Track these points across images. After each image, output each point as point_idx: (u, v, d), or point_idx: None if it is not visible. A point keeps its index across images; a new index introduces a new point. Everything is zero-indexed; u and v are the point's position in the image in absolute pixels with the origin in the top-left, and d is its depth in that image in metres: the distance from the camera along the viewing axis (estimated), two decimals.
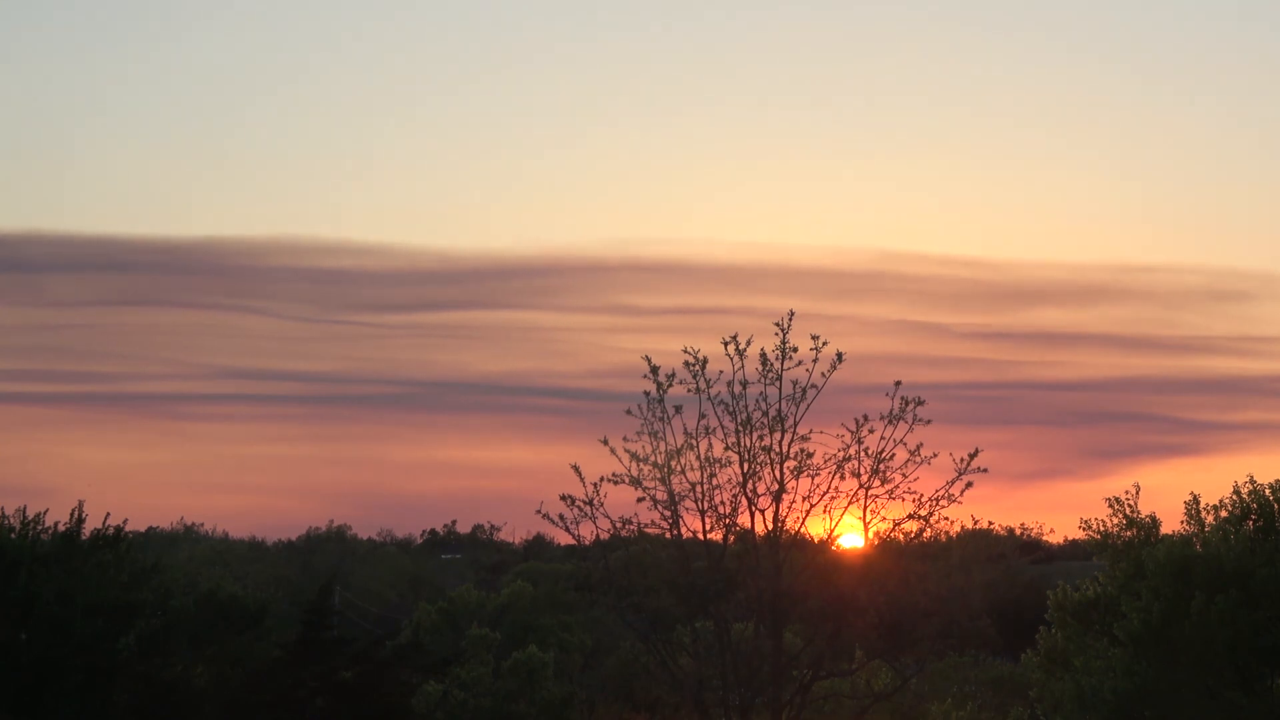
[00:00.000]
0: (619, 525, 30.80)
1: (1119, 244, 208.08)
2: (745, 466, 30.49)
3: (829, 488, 30.53)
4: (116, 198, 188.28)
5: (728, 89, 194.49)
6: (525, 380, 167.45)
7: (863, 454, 30.47)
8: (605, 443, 30.55)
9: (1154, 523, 36.52)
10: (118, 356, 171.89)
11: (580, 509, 30.58)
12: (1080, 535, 38.99)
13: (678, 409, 30.52)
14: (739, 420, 30.43)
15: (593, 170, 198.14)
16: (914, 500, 30.58)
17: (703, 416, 30.48)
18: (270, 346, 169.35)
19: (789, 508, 30.67)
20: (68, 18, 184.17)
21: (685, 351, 30.51)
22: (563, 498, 30.54)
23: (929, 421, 30.44)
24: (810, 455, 30.50)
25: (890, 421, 30.43)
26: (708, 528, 30.79)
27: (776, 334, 30.52)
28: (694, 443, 30.51)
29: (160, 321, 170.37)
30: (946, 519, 30.80)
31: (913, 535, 30.88)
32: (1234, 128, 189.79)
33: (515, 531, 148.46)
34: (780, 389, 30.43)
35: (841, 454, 30.47)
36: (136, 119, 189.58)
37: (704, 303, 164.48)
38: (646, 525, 30.86)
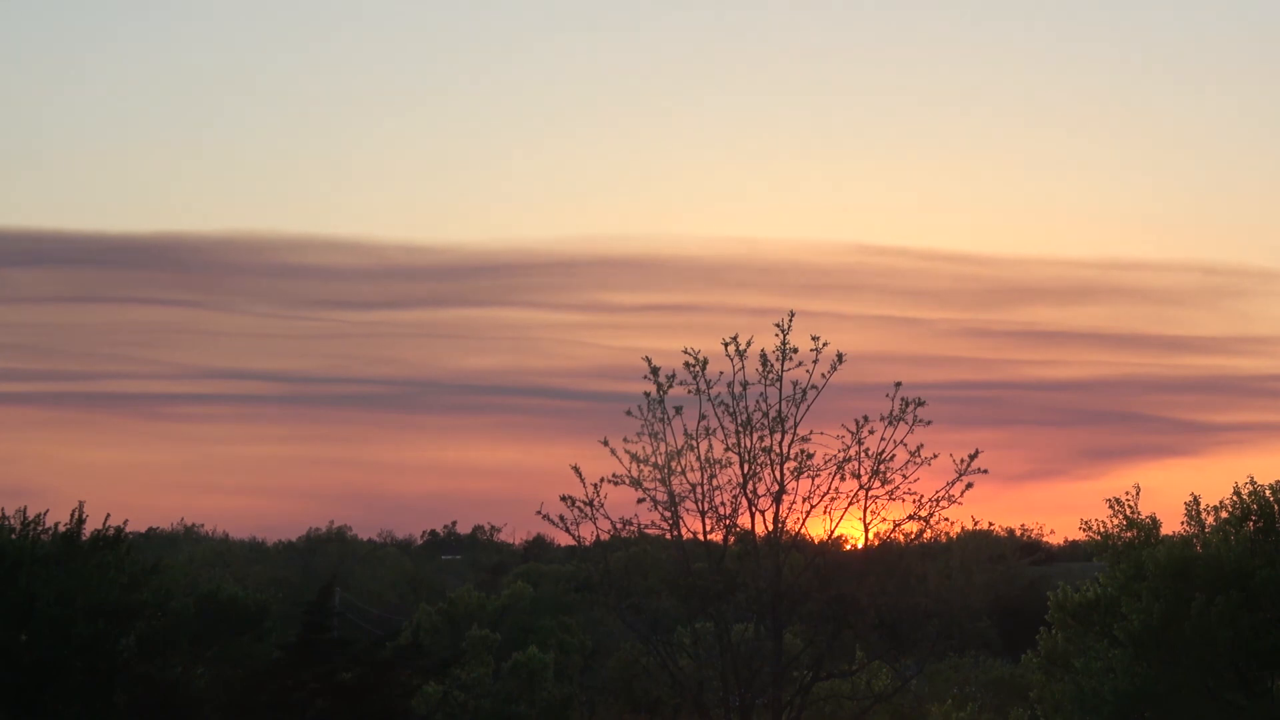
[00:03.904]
0: (619, 526, 30.78)
1: (1112, 240, 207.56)
2: (745, 467, 30.47)
3: (829, 489, 30.53)
4: (69, 192, 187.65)
5: (702, 85, 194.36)
6: (506, 379, 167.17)
7: (863, 455, 30.46)
8: (605, 443, 30.55)
9: (1154, 524, 36.54)
10: (84, 355, 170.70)
11: (580, 510, 30.55)
12: (1080, 536, 39.03)
13: (678, 410, 30.51)
14: (739, 421, 30.42)
15: (565, 166, 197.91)
16: (914, 501, 30.56)
17: (703, 418, 30.48)
18: (241, 344, 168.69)
19: (789, 509, 30.67)
20: (24, 14, 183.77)
21: (685, 352, 30.53)
22: (563, 498, 30.52)
23: (929, 422, 30.44)
24: (810, 456, 30.49)
25: (890, 422, 30.42)
26: (708, 529, 30.77)
27: (777, 334, 30.51)
28: (694, 444, 30.50)
29: (124, 319, 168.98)
30: (947, 520, 30.79)
31: (913, 536, 30.86)
32: (1231, 123, 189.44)
33: (515, 532, 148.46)
34: (780, 389, 30.44)
35: (841, 455, 30.47)
36: (97, 114, 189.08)
37: (678, 299, 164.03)
38: (647, 526, 30.84)
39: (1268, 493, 34.84)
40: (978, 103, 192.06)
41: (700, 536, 30.86)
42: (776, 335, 30.47)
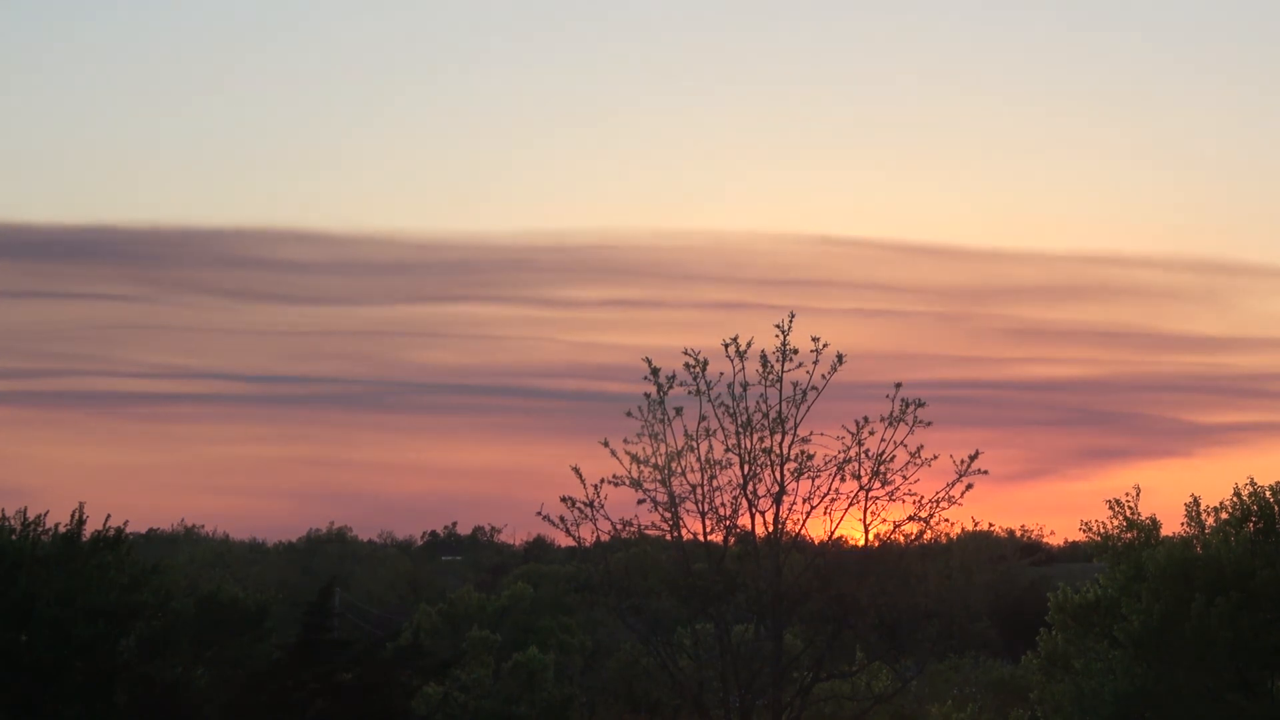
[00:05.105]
0: (619, 527, 30.81)
1: (1110, 237, 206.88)
2: (745, 468, 30.49)
3: (829, 489, 30.54)
4: (24, 183, 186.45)
5: (664, 79, 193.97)
6: (482, 378, 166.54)
7: (863, 456, 30.47)
8: (605, 444, 30.57)
9: (1154, 525, 36.54)
10: (50, 354, 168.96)
11: (580, 511, 30.57)
12: (1080, 537, 39.04)
13: (678, 411, 30.53)
14: (739, 422, 30.43)
15: (527, 161, 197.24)
16: (914, 502, 30.57)
17: (703, 418, 30.51)
18: (241, 343, 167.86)
19: (789, 509, 30.69)
20: None
21: (686, 353, 30.57)
22: (563, 499, 30.54)
23: (929, 423, 30.45)
24: (810, 457, 30.51)
25: (890, 423, 30.43)
26: (708, 529, 30.80)
27: (777, 335, 30.54)
28: (694, 444, 30.52)
29: (106, 316, 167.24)
30: (947, 521, 30.80)
31: (913, 537, 30.87)
32: (1234, 121, 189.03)
33: (515, 533, 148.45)
34: (780, 390, 30.45)
35: (841, 456, 30.48)
36: (54, 104, 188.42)
37: (637, 295, 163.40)
38: (647, 527, 30.87)
39: (1268, 493, 34.84)
40: (977, 98, 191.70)
41: (700, 537, 30.90)
42: (777, 336, 30.53)
